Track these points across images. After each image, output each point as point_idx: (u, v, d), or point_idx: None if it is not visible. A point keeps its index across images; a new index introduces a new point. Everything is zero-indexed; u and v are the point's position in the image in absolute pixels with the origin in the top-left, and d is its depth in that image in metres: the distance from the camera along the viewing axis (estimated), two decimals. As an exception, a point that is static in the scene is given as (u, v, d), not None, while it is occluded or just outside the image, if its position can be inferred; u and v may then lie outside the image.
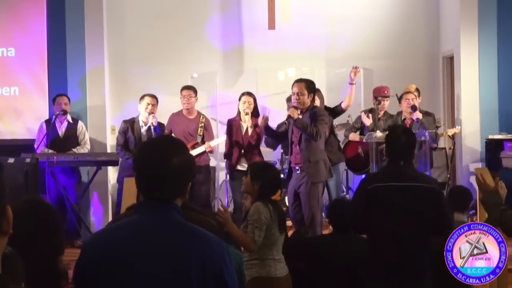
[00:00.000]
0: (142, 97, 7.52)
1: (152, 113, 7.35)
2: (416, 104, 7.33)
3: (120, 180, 7.46)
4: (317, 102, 6.84)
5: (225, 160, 7.48)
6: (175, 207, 2.16)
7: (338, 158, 7.38)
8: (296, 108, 6.25)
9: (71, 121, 7.88)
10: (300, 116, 6.26)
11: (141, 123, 7.49)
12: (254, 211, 4.18)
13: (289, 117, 6.27)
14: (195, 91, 7.55)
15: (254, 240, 4.10)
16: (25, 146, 7.95)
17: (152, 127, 7.31)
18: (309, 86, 6.33)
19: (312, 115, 6.25)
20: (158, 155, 2.16)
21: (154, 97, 7.51)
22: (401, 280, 3.86)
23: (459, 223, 4.42)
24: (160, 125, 7.45)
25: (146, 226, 2.12)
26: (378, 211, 3.87)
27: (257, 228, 4.07)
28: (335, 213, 4.71)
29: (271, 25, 8.63)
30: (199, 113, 7.59)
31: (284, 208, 7.03)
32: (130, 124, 7.51)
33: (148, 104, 7.41)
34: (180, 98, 7.51)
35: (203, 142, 7.37)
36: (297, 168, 6.33)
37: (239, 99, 7.27)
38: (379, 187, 3.89)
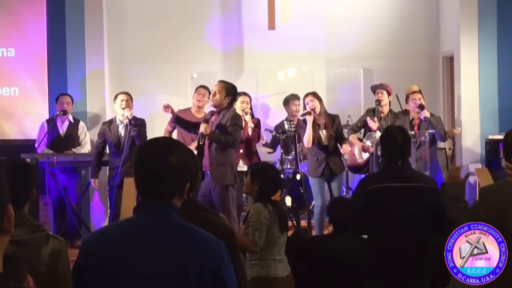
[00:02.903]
0: (116, 96, 7.54)
1: (127, 107, 7.32)
2: (424, 103, 7.33)
3: (111, 180, 7.36)
4: (318, 105, 6.88)
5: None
6: (173, 207, 2.15)
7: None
8: (207, 122, 6.29)
9: (72, 120, 7.89)
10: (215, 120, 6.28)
11: (117, 122, 7.42)
12: (254, 212, 4.17)
13: (202, 134, 6.25)
14: (209, 93, 7.57)
15: (255, 242, 4.08)
16: (25, 146, 7.96)
17: (127, 121, 7.24)
18: (228, 88, 6.43)
19: (220, 122, 6.30)
20: (155, 155, 2.16)
21: (127, 93, 7.52)
22: (400, 280, 3.86)
23: None
24: (140, 120, 7.37)
25: (144, 226, 2.12)
26: (378, 212, 3.86)
27: (257, 230, 4.06)
28: (333, 211, 4.78)
29: (271, 25, 8.63)
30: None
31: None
32: (108, 125, 7.47)
33: (122, 100, 7.40)
34: (194, 95, 7.63)
35: None
36: (208, 172, 6.26)
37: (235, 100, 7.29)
38: (378, 188, 3.88)
